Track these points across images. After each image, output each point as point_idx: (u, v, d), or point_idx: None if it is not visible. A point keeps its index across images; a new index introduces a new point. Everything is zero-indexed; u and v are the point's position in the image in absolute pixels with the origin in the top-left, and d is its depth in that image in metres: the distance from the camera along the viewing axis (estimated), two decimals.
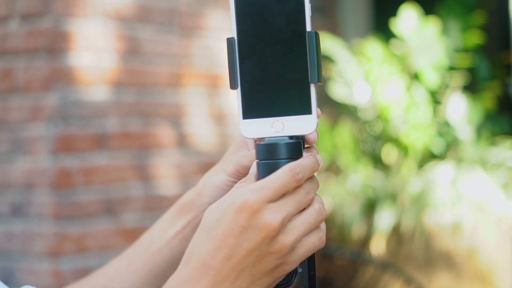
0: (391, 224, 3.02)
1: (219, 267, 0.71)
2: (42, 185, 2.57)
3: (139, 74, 2.83)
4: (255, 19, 0.78)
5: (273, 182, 0.72)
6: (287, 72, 0.77)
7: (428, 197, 3.03)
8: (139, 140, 2.81)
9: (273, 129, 0.77)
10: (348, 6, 3.85)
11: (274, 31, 0.78)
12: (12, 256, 2.64)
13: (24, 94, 2.63)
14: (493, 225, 2.99)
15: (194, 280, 0.71)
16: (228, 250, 0.71)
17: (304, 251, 0.73)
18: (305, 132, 0.76)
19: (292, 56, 0.77)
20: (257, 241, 0.71)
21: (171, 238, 0.91)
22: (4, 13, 2.68)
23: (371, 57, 3.28)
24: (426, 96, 3.28)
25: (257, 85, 0.78)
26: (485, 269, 2.97)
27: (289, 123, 0.76)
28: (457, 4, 3.44)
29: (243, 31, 0.78)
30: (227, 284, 0.71)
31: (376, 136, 3.32)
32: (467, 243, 2.97)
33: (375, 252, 3.04)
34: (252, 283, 0.72)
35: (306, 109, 0.76)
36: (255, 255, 0.71)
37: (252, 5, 0.78)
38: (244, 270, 0.71)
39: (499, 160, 3.18)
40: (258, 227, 0.71)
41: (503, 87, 3.61)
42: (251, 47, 0.78)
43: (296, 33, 0.78)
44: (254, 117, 0.77)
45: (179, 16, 2.99)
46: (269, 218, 0.71)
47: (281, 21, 0.78)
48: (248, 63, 0.78)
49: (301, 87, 0.77)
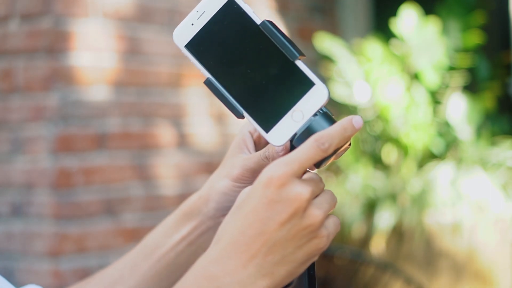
0: (391, 224, 3.02)
1: (249, 243, 0.69)
2: (42, 185, 2.57)
3: (139, 74, 2.83)
4: (214, 52, 0.79)
5: (299, 155, 0.71)
6: (271, 69, 0.78)
7: (428, 197, 3.03)
8: (139, 140, 2.81)
9: (295, 121, 0.77)
10: (348, 6, 3.85)
11: (236, 49, 0.79)
12: (12, 256, 2.64)
13: (24, 94, 2.63)
14: (493, 225, 2.99)
15: (224, 258, 0.69)
16: (258, 225, 0.69)
17: (333, 229, 0.73)
18: (322, 102, 0.76)
19: (265, 53, 0.78)
20: (289, 213, 0.69)
21: (177, 243, 0.89)
22: (4, 13, 2.68)
23: (371, 57, 3.28)
24: (426, 96, 3.28)
25: (255, 98, 0.78)
26: (485, 269, 2.97)
27: (304, 106, 0.77)
28: (457, 4, 3.44)
29: (212, 67, 0.79)
30: (258, 260, 0.69)
31: (376, 136, 3.32)
32: (467, 243, 2.97)
33: (375, 252, 3.04)
34: (284, 258, 0.70)
35: (307, 83, 0.77)
36: (287, 228, 0.70)
37: (203, 44, 0.79)
38: (276, 245, 0.70)
39: (499, 160, 3.17)
40: (289, 200, 0.69)
41: (503, 87, 3.61)
42: (229, 74, 0.79)
43: (253, 34, 0.78)
44: (273, 124, 0.77)
45: (179, 16, 2.99)
46: (299, 190, 0.70)
47: (235, 35, 0.79)
48: (236, 88, 0.78)
49: (290, 70, 0.77)
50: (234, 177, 0.85)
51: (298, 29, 3.58)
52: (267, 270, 0.70)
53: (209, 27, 0.79)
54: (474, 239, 2.97)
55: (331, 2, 3.79)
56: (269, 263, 0.70)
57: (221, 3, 0.79)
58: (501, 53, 3.74)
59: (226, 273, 0.69)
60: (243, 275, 0.69)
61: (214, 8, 0.80)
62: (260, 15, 3.44)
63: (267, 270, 0.70)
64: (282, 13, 3.50)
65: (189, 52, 0.80)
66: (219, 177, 0.87)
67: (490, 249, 2.97)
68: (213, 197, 0.87)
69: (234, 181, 0.85)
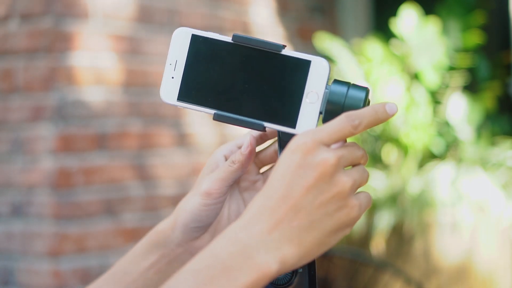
0: (391, 224, 3.02)
1: (275, 207, 0.69)
2: (42, 185, 2.57)
3: (139, 74, 2.83)
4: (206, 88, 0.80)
5: (328, 126, 0.71)
6: (265, 72, 0.78)
7: (428, 197, 3.03)
8: (139, 140, 2.81)
9: (313, 102, 0.77)
10: (348, 6, 3.85)
11: (224, 74, 0.79)
12: (12, 256, 2.64)
13: (24, 94, 2.63)
14: (493, 225, 2.99)
15: (251, 222, 0.69)
16: (284, 189, 0.69)
17: (365, 201, 0.72)
18: (326, 73, 0.76)
19: (252, 61, 0.78)
20: (315, 177, 0.69)
21: (145, 270, 0.88)
22: (4, 13, 2.68)
23: (371, 57, 3.28)
24: (426, 96, 3.28)
25: (266, 105, 0.78)
26: (485, 269, 2.97)
27: (313, 85, 0.77)
28: (457, 4, 3.44)
29: (213, 102, 0.79)
30: (284, 224, 0.69)
31: (376, 136, 3.32)
32: (467, 243, 2.97)
33: (375, 252, 3.04)
34: (311, 224, 0.69)
35: (305, 64, 0.77)
36: (313, 193, 0.69)
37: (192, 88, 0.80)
38: (302, 210, 0.69)
39: (499, 160, 3.17)
40: (314, 164, 0.69)
41: (503, 87, 3.61)
42: (231, 99, 0.79)
43: (231, 52, 0.79)
44: (295, 118, 0.77)
45: (179, 16, 2.99)
46: (324, 155, 0.69)
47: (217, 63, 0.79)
48: (245, 106, 0.79)
49: (282, 62, 0.78)
50: (202, 193, 0.84)
51: (298, 29, 3.58)
52: (294, 236, 0.69)
53: (189, 71, 0.80)
54: (474, 239, 2.97)
55: (331, 2, 3.79)
56: (296, 228, 0.69)
57: (187, 45, 0.80)
58: (501, 53, 3.74)
59: (251, 237, 0.69)
60: (268, 239, 0.69)
61: (183, 52, 0.80)
62: (260, 15, 3.44)
63: (294, 236, 0.69)
64: (282, 13, 3.50)
65: (184, 103, 0.80)
66: (187, 199, 0.85)
67: (490, 249, 2.97)
68: (180, 220, 0.85)
69: (203, 198, 0.84)
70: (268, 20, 3.41)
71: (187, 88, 0.80)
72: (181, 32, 0.81)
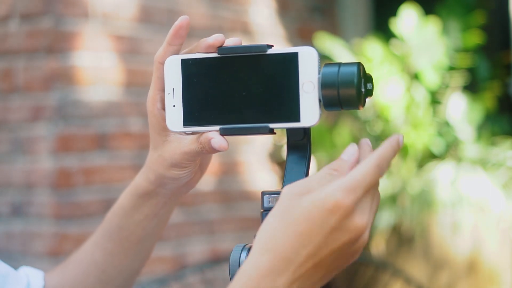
0: (391, 224, 3.02)
1: (302, 263, 0.71)
2: (42, 185, 2.57)
3: (139, 74, 2.83)
4: (208, 108, 0.81)
5: (363, 182, 0.71)
6: (257, 75, 0.79)
7: (428, 197, 3.03)
8: (139, 140, 2.81)
9: (310, 92, 0.77)
10: (348, 6, 3.85)
11: (221, 89, 0.80)
12: (12, 256, 2.64)
13: (24, 94, 2.63)
14: (493, 225, 2.99)
15: (275, 272, 0.71)
16: (313, 249, 0.71)
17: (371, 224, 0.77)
18: (315, 60, 0.77)
19: (243, 69, 0.79)
20: (344, 242, 0.72)
21: (141, 220, 0.94)
22: (4, 13, 2.68)
23: (371, 57, 3.28)
24: (426, 96, 3.28)
25: (267, 107, 0.79)
26: (485, 268, 2.97)
27: (306, 75, 0.77)
28: (457, 4, 3.44)
29: (218, 119, 0.80)
30: (305, 278, 0.71)
31: (376, 136, 3.32)
32: (467, 243, 2.97)
33: (375, 252, 3.04)
34: (327, 273, 0.73)
35: (292, 57, 0.78)
36: (337, 253, 0.72)
37: (195, 111, 0.81)
38: (324, 267, 0.72)
39: (499, 160, 3.17)
40: (348, 229, 0.72)
41: (503, 87, 3.61)
42: (233, 111, 0.80)
43: (222, 66, 0.80)
44: (297, 112, 0.78)
45: (179, 16, 2.99)
46: (359, 220, 0.72)
47: (211, 80, 0.81)
48: (247, 114, 0.80)
49: (270, 61, 0.78)
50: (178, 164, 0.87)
51: (298, 29, 3.58)
52: (309, 286, 0.73)
53: (187, 96, 0.81)
54: (474, 239, 2.97)
55: (331, 2, 3.79)
56: (313, 281, 0.73)
57: (179, 71, 0.82)
58: (501, 53, 3.74)
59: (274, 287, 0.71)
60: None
61: (177, 79, 0.82)
62: (260, 15, 3.44)
63: (309, 286, 0.73)
64: (282, 13, 3.50)
65: (190, 127, 0.82)
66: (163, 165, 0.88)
67: (490, 249, 2.97)
68: (166, 181, 0.89)
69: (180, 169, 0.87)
70: (268, 20, 3.41)
71: (190, 112, 0.81)
72: (171, 60, 0.83)
